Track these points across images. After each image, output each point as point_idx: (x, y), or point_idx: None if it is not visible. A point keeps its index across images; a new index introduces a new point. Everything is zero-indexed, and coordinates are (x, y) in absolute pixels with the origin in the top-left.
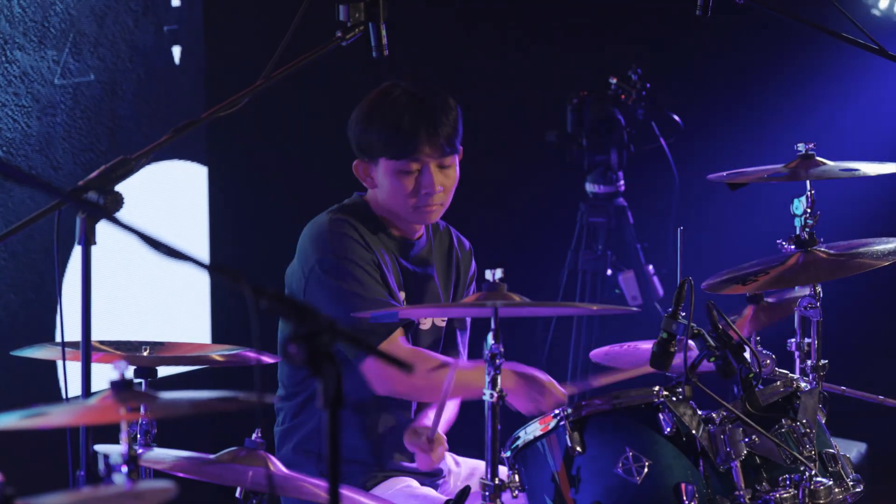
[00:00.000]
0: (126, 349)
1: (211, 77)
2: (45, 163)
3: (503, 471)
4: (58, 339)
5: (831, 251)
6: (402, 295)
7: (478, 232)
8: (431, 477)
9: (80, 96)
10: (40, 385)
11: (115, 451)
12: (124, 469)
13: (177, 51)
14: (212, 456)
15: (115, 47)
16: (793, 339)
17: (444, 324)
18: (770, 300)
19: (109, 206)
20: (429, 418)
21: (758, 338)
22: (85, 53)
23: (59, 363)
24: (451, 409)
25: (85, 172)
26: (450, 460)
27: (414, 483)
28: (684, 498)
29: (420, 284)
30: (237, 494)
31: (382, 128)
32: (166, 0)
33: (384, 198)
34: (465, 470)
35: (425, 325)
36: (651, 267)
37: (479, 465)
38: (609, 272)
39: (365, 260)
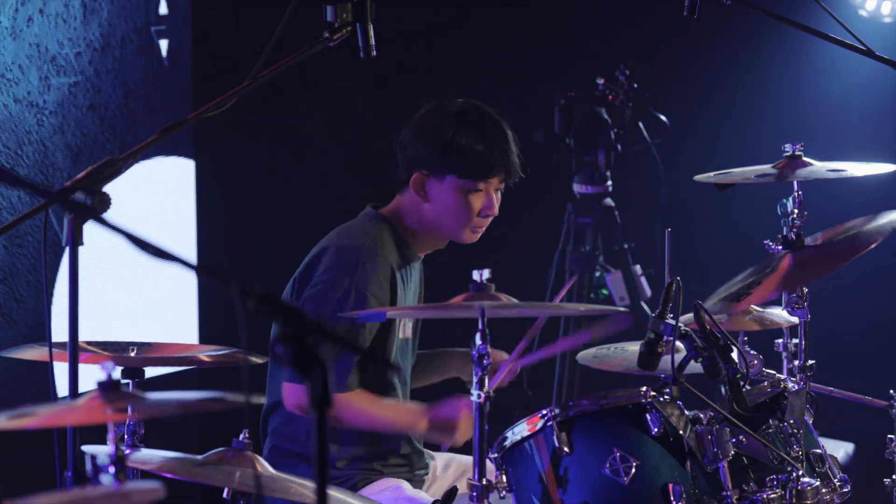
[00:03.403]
0: (113, 350)
1: (198, 75)
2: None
3: (491, 471)
4: (46, 339)
5: (820, 243)
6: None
7: None
8: (421, 472)
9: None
10: (34, 386)
11: (102, 451)
12: (111, 470)
13: (164, 45)
14: (199, 457)
15: None
16: (780, 340)
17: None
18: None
19: (97, 207)
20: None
21: (745, 338)
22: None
23: (52, 364)
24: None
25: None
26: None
27: (404, 484)
28: (672, 498)
29: (412, 297)
30: (225, 495)
31: (469, 147)
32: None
33: (438, 214)
34: (441, 462)
35: (404, 333)
36: (638, 267)
37: (454, 457)
38: (597, 273)
39: (376, 298)
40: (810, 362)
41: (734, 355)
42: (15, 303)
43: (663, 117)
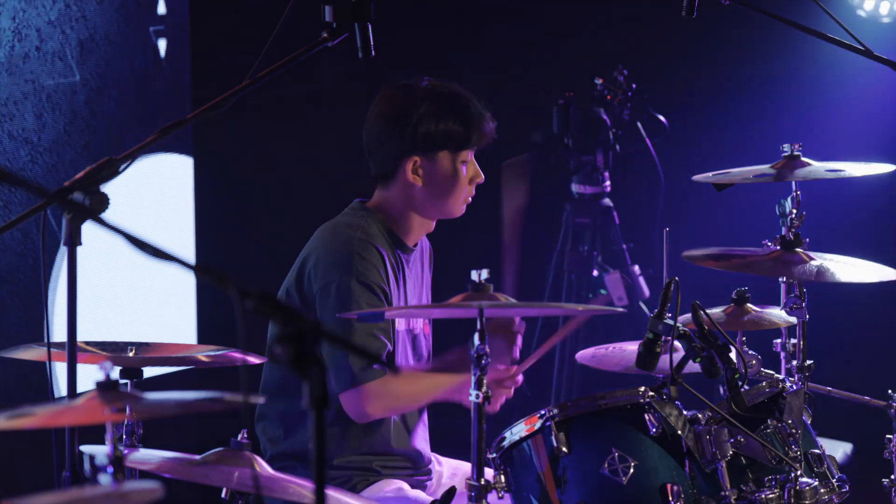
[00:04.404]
0: (112, 350)
1: (197, 75)
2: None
3: (489, 472)
4: (44, 339)
5: (812, 257)
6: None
7: (464, 232)
8: (421, 477)
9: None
10: (30, 386)
11: (100, 451)
12: (110, 470)
13: (162, 45)
14: (197, 457)
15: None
16: (778, 340)
17: (428, 329)
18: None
19: (95, 207)
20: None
21: (743, 338)
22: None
23: (51, 364)
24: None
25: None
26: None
27: (405, 486)
28: (670, 498)
29: (413, 289)
30: (223, 495)
31: (456, 125)
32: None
33: (432, 193)
34: (447, 470)
35: (416, 329)
36: (637, 267)
37: (461, 465)
38: (595, 273)
39: (380, 287)
40: (808, 362)
41: (732, 355)
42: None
43: (662, 117)
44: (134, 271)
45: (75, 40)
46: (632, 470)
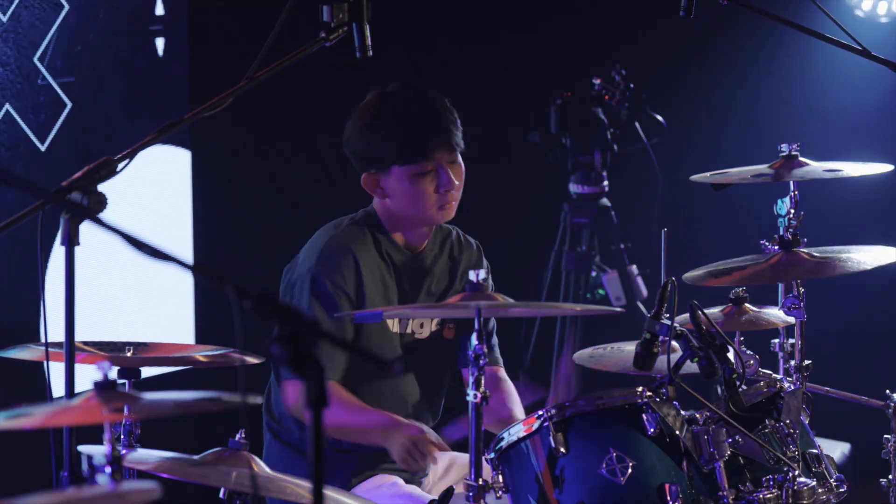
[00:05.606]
0: (110, 350)
1: (195, 75)
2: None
3: (487, 471)
4: (41, 339)
5: (814, 254)
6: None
7: (465, 232)
8: (416, 474)
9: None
10: (26, 386)
11: (98, 451)
12: (108, 470)
13: (160, 44)
14: (195, 457)
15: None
16: (776, 340)
17: (451, 334)
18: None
19: (93, 207)
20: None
21: (741, 338)
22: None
23: (48, 364)
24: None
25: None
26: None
27: (399, 481)
28: (668, 498)
29: (419, 293)
30: (221, 495)
31: (392, 136)
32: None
33: (400, 205)
34: (442, 464)
35: (421, 334)
36: (635, 267)
37: (458, 456)
38: (593, 273)
39: (341, 290)
40: (807, 362)
41: (730, 355)
42: (7, 303)
43: (659, 117)
44: (132, 271)
45: (74, 39)
46: (630, 470)
